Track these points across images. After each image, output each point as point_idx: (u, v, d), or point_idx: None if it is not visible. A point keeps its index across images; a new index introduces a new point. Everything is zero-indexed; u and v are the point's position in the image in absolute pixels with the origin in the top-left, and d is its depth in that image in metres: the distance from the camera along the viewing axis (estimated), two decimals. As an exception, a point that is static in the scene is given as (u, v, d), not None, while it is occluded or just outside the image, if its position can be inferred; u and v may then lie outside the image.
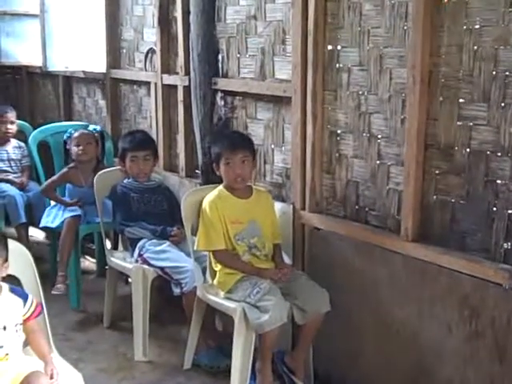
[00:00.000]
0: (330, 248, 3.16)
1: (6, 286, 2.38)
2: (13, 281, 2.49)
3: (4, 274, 2.35)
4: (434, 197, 2.74)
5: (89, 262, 4.86)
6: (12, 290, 2.39)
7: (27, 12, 5.56)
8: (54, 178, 4.40)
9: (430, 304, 2.73)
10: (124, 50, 4.68)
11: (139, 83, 4.56)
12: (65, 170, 4.39)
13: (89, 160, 4.33)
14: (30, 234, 4.95)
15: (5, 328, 2.30)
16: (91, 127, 4.51)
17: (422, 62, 2.63)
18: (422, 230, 2.79)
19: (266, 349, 2.99)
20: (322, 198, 3.26)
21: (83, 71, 5.10)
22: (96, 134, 4.42)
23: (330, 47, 3.09)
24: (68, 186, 4.37)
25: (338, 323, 3.09)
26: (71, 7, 5.12)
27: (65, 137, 4.43)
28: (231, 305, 3.04)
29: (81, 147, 4.28)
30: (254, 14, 3.47)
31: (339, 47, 3.04)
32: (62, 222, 4.13)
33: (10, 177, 4.94)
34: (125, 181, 3.85)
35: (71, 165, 4.37)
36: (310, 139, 3.19)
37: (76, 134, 4.33)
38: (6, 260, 2.34)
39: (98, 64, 5.03)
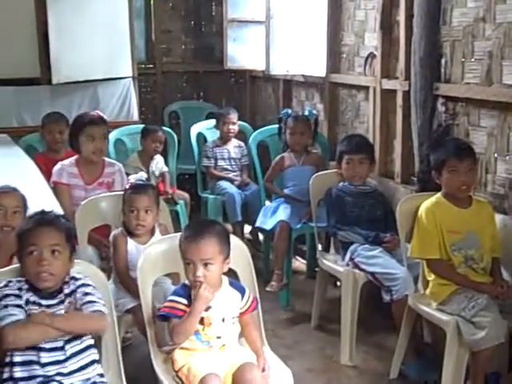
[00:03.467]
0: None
1: (226, 280, 2.49)
2: (230, 274, 2.60)
3: (226, 269, 2.47)
4: None
5: (299, 263, 4.95)
6: (231, 284, 2.50)
7: (253, 19, 5.80)
8: (270, 171, 4.61)
9: None
10: (344, 55, 4.71)
11: (358, 88, 4.57)
12: (277, 159, 4.58)
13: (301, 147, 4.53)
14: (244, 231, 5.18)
15: (223, 320, 2.41)
16: (307, 111, 4.61)
17: None
18: None
19: (480, 368, 2.85)
20: (550, 213, 3.04)
21: (303, 75, 5.21)
22: (311, 120, 4.55)
23: None
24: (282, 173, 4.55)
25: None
26: (295, 13, 5.26)
27: (281, 114, 4.62)
28: (444, 317, 2.94)
29: (295, 137, 4.47)
30: (482, 15, 3.32)
31: None
32: (276, 224, 4.25)
33: (230, 175, 5.20)
34: (340, 184, 3.88)
35: (282, 154, 4.56)
36: (539, 149, 3.00)
37: (291, 124, 4.49)
38: (228, 256, 2.46)
39: (317, 68, 5.12)
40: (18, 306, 2.21)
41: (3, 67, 5.16)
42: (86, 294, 2.30)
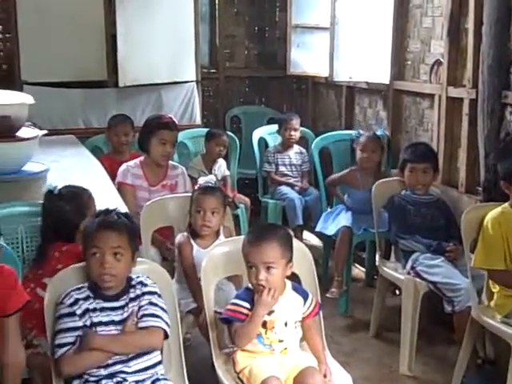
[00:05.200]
0: None
1: (289, 284, 2.50)
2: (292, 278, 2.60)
3: (289, 273, 2.47)
4: None
5: (358, 270, 4.92)
6: (294, 288, 2.51)
7: (317, 25, 5.79)
8: (337, 175, 4.61)
9: None
10: (409, 62, 4.66)
11: (422, 95, 4.51)
12: (346, 171, 4.53)
13: (371, 167, 4.42)
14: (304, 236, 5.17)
15: (286, 324, 2.42)
16: (380, 131, 4.57)
17: None
18: None
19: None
20: None
21: (366, 82, 5.18)
22: (383, 140, 4.49)
23: None
24: (348, 188, 4.51)
25: None
26: (360, 19, 5.23)
27: (353, 135, 4.60)
28: (509, 330, 2.88)
29: (365, 154, 4.38)
30: (554, 23, 3.26)
31: None
32: (338, 230, 4.23)
33: (291, 181, 5.20)
34: (402, 192, 3.84)
35: (352, 167, 4.50)
36: None
37: (363, 140, 4.42)
38: (291, 260, 2.46)
39: (381, 75, 5.08)
40: (70, 329, 2.24)
41: (73, 70, 5.30)
42: (151, 303, 2.33)
